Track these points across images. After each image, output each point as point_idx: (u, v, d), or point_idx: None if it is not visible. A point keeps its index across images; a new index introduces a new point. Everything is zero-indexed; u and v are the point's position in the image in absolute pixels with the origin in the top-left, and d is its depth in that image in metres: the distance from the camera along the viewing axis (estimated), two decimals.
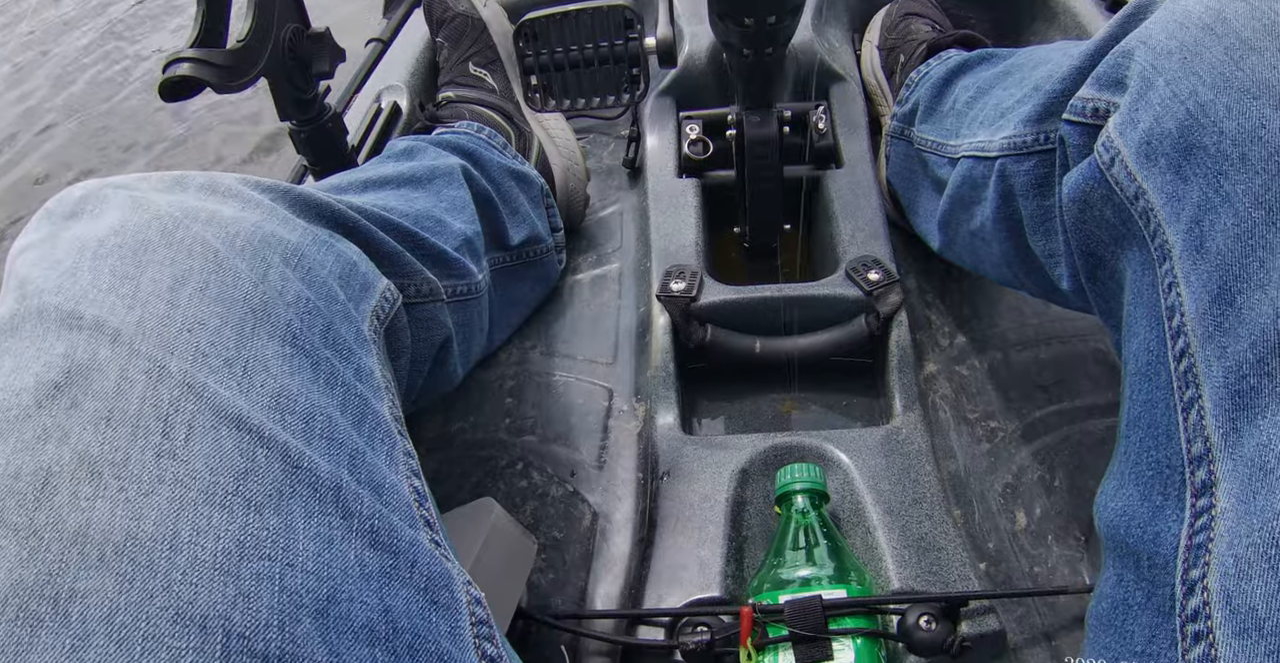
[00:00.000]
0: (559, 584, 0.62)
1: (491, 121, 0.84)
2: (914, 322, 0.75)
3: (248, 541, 0.28)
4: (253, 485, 0.29)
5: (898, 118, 0.79)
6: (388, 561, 0.31)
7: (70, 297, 0.33)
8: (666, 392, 0.72)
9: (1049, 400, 0.71)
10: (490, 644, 0.33)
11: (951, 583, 0.58)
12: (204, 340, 0.33)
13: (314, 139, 0.72)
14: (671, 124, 0.91)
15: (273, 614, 0.27)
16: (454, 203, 0.66)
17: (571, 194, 0.89)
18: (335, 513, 0.31)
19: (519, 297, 0.79)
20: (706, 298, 0.75)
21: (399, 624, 0.30)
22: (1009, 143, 0.54)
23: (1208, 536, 0.31)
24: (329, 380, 0.36)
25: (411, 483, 0.37)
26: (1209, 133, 0.34)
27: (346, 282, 0.43)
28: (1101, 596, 0.38)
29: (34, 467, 0.28)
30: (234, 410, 0.31)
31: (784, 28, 0.65)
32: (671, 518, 0.64)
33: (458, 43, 0.92)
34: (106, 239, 0.35)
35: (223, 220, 0.38)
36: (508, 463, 0.71)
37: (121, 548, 0.26)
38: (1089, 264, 0.46)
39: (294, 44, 0.65)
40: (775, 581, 0.55)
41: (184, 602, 0.26)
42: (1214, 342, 0.32)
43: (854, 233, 0.79)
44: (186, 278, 0.34)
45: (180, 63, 0.55)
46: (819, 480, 0.60)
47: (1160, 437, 0.36)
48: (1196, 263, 0.34)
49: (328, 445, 0.33)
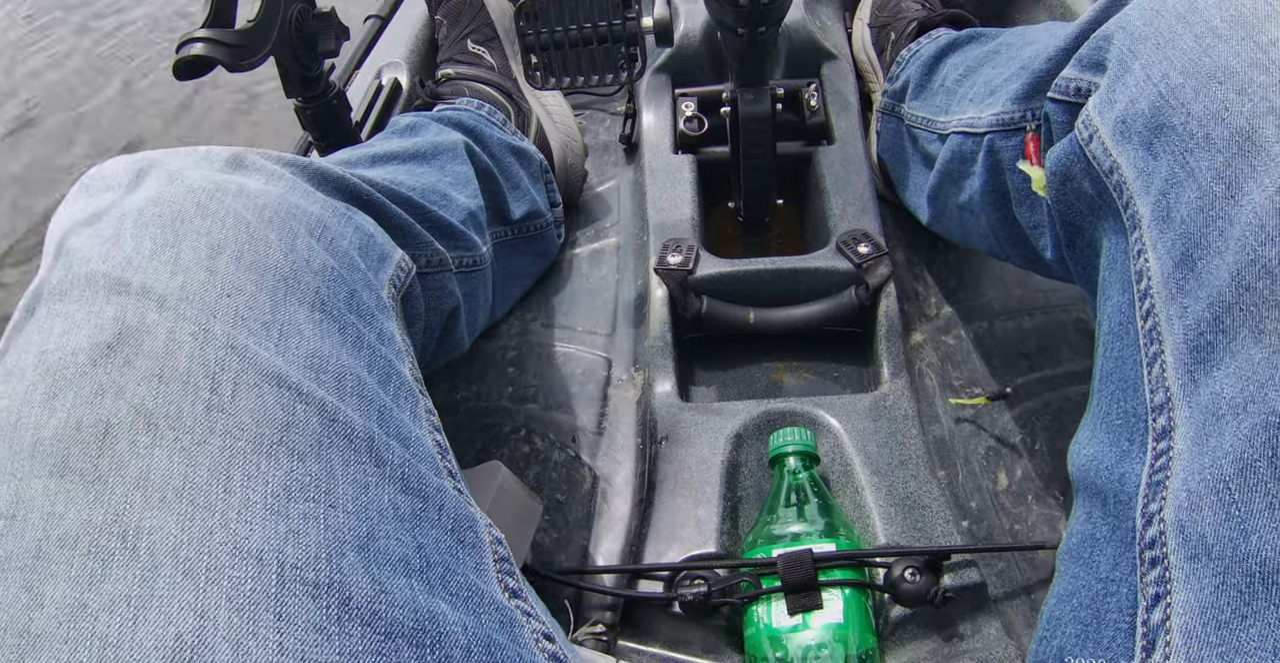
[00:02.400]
0: (562, 543, 0.65)
1: (491, 98, 0.85)
2: (902, 293, 0.78)
3: (293, 485, 0.31)
4: (295, 436, 0.32)
5: (888, 95, 0.81)
6: (418, 504, 0.34)
7: (116, 264, 0.35)
8: (664, 361, 0.74)
9: (1031, 368, 0.74)
10: (511, 579, 0.36)
11: (935, 539, 0.61)
12: (242, 305, 0.35)
13: (320, 115, 0.74)
14: (667, 101, 0.92)
15: (320, 548, 0.29)
16: (458, 177, 0.68)
17: (570, 170, 0.91)
18: (369, 461, 0.34)
19: (520, 270, 0.81)
20: (702, 271, 0.77)
21: (431, 559, 0.33)
22: (997, 119, 0.56)
23: (1166, 474, 0.34)
24: (355, 343, 0.39)
25: (434, 437, 0.40)
26: (1178, 113, 0.36)
27: (365, 252, 0.45)
28: (1071, 533, 0.41)
29: (94, 419, 0.30)
30: (274, 369, 0.33)
31: (777, 7, 0.67)
32: (669, 480, 0.67)
33: (456, 20, 0.93)
34: (145, 210, 0.37)
35: (251, 193, 0.40)
36: (511, 429, 0.74)
37: (180, 491, 0.29)
38: (1069, 233, 0.49)
39: (301, 23, 0.66)
40: (768, 536, 0.58)
41: (240, 538, 0.28)
42: (1176, 302, 0.35)
43: (844, 207, 0.81)
44: (222, 247, 0.37)
45: (193, 42, 0.57)
46: (810, 443, 0.63)
47: (1128, 389, 0.39)
48: (1163, 232, 0.36)
49: (359, 402, 0.36)
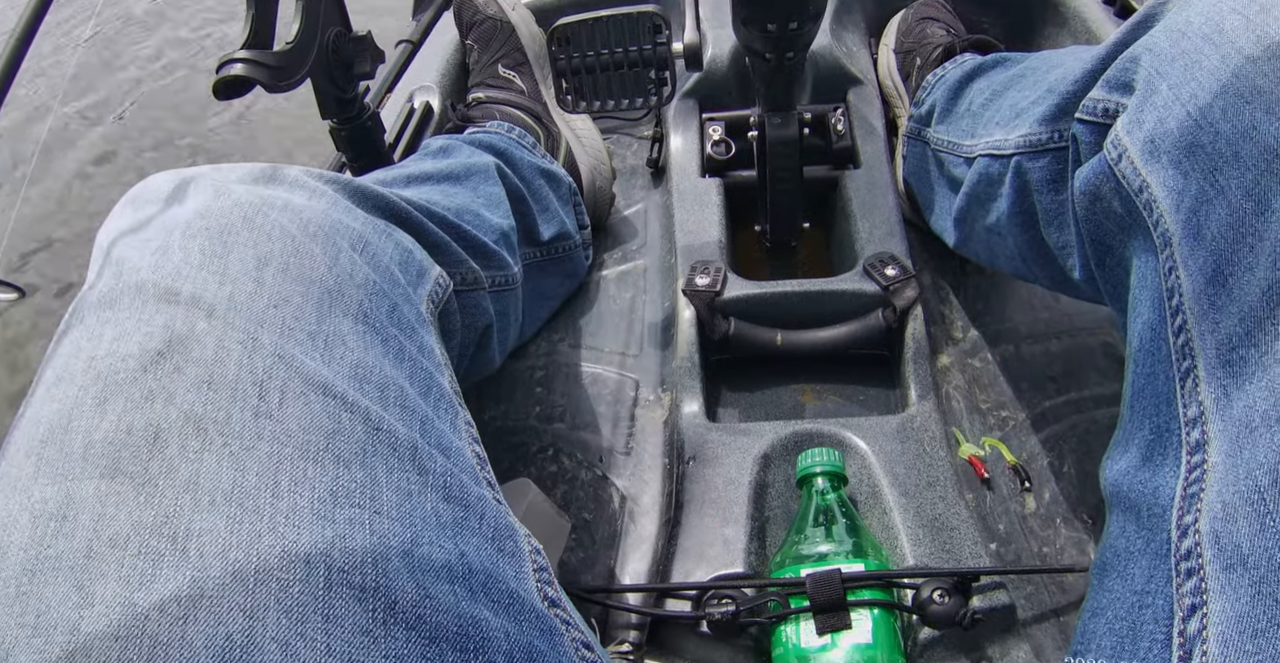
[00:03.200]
0: (588, 562, 0.65)
1: (521, 122, 0.87)
2: (929, 316, 0.78)
3: (339, 491, 0.31)
4: (340, 444, 0.33)
5: (914, 119, 0.82)
6: (459, 512, 0.35)
7: (166, 274, 0.36)
8: (692, 381, 0.75)
9: (1058, 391, 0.73)
10: (550, 588, 0.37)
11: (963, 561, 0.60)
12: (289, 316, 0.36)
13: (354, 137, 0.75)
14: (695, 125, 0.94)
15: (366, 554, 0.30)
16: (490, 198, 0.69)
17: (598, 193, 0.92)
18: (413, 469, 0.34)
19: (548, 291, 0.82)
20: (730, 293, 0.78)
21: (473, 566, 0.33)
22: (1025, 141, 0.57)
23: (1200, 487, 0.34)
24: (398, 355, 0.39)
25: (474, 448, 0.40)
26: (1206, 133, 0.37)
27: (405, 267, 0.46)
28: (1105, 547, 0.41)
29: (144, 423, 0.31)
30: (320, 378, 0.34)
31: (805, 33, 0.68)
32: (697, 500, 0.67)
33: (487, 45, 0.95)
34: (193, 222, 0.39)
35: (295, 208, 0.41)
36: (539, 449, 0.74)
37: (230, 495, 0.29)
38: (1098, 252, 0.49)
39: (337, 46, 0.68)
40: (796, 556, 0.58)
41: (288, 541, 0.29)
42: (1208, 318, 0.36)
43: (871, 230, 0.82)
44: (269, 259, 0.38)
45: (233, 63, 0.59)
46: (838, 464, 0.63)
47: (1160, 404, 0.39)
48: (1194, 249, 0.37)
49: (401, 412, 0.36)
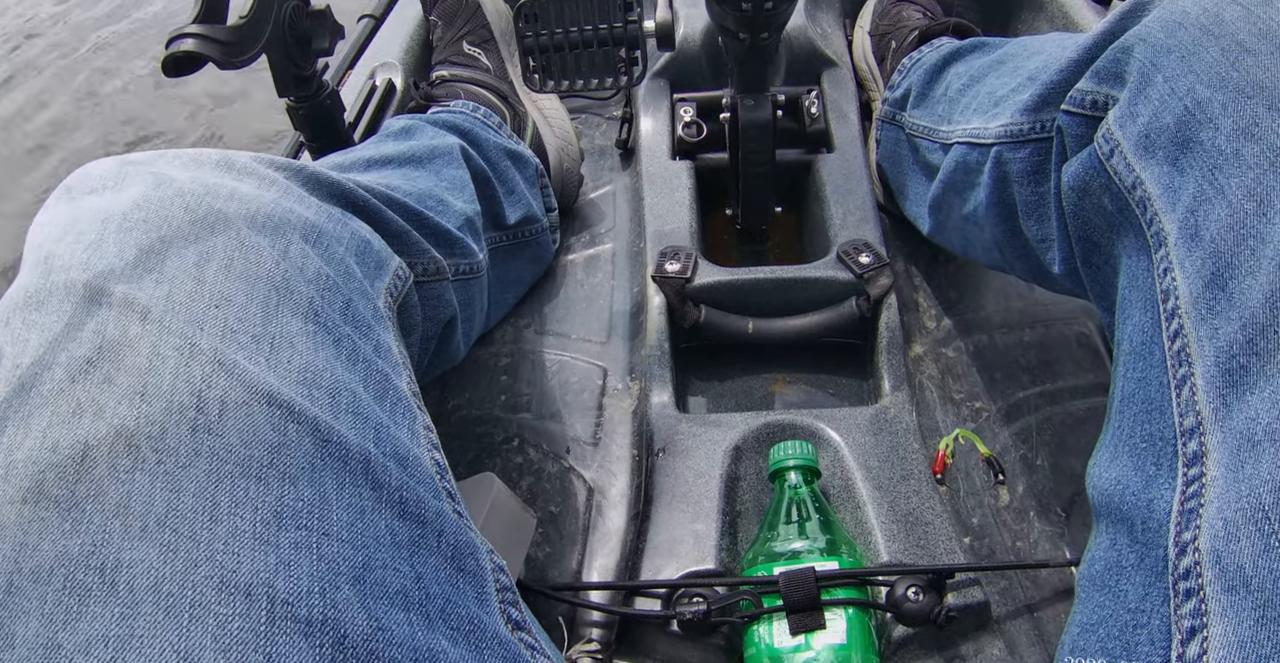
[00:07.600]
0: (555, 558, 0.64)
1: (486, 101, 0.84)
2: (901, 304, 0.76)
3: (284, 511, 0.29)
4: (286, 459, 0.30)
5: (889, 103, 0.80)
6: (416, 530, 0.33)
7: (97, 272, 0.33)
8: (661, 371, 0.73)
9: (1032, 382, 0.73)
10: (514, 609, 0.35)
11: (938, 556, 0.60)
12: (231, 317, 0.33)
13: (312, 116, 0.72)
14: (665, 106, 0.91)
15: (313, 581, 0.28)
16: (454, 182, 0.66)
17: (566, 174, 0.90)
18: (365, 485, 0.32)
19: (514, 276, 0.80)
20: (701, 279, 0.76)
21: (430, 590, 0.31)
22: (1005, 130, 0.55)
23: (1199, 502, 0.33)
24: (351, 357, 0.37)
25: (433, 456, 0.38)
26: (1205, 129, 0.35)
27: (362, 259, 0.44)
28: (1094, 559, 0.40)
29: (71, 440, 0.28)
30: (264, 386, 0.32)
31: (780, 12, 0.66)
32: (666, 494, 0.65)
33: (451, 21, 0.92)
34: (130, 213, 0.36)
35: (243, 197, 0.39)
36: (503, 439, 0.72)
37: (163, 519, 0.27)
38: (1085, 249, 0.48)
39: (294, 21, 0.64)
40: (769, 553, 0.57)
41: (227, 570, 0.27)
42: (1207, 323, 0.34)
43: (845, 216, 0.80)
44: (211, 255, 0.35)
45: (183, 38, 0.55)
46: (811, 457, 0.62)
47: (1153, 412, 0.38)
48: (1191, 250, 0.35)
49: (354, 420, 0.34)
